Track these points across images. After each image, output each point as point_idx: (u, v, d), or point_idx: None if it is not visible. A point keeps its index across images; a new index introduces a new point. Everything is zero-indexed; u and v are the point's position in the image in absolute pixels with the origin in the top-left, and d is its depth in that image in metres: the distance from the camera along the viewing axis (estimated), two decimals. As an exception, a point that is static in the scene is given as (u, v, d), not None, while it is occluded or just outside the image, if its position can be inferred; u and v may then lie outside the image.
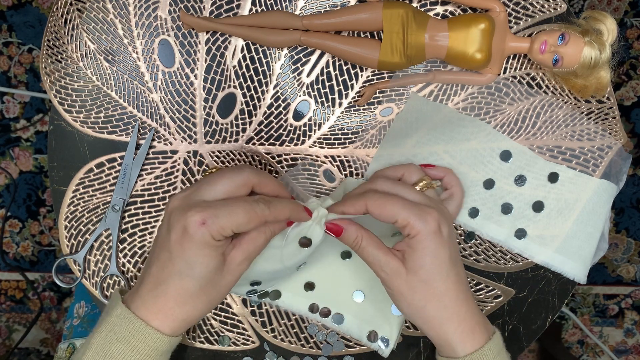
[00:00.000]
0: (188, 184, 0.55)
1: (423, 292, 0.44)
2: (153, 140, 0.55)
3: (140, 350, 0.41)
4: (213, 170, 0.47)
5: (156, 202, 0.55)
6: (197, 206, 0.40)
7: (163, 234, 0.42)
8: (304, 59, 0.54)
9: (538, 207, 0.54)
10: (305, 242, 0.47)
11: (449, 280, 0.44)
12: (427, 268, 0.44)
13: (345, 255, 0.55)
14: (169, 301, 0.42)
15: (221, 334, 0.56)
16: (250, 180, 0.43)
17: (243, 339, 0.56)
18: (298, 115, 0.55)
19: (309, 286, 0.55)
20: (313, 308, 0.55)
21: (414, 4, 0.53)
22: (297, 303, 0.55)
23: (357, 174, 0.55)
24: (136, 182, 0.55)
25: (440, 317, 0.45)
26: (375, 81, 0.54)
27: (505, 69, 0.54)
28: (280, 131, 0.55)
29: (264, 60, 0.54)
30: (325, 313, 0.55)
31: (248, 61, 0.54)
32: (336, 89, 0.55)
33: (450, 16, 0.53)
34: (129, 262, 0.55)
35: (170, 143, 0.55)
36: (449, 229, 0.45)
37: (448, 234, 0.44)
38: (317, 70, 0.54)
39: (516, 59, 0.54)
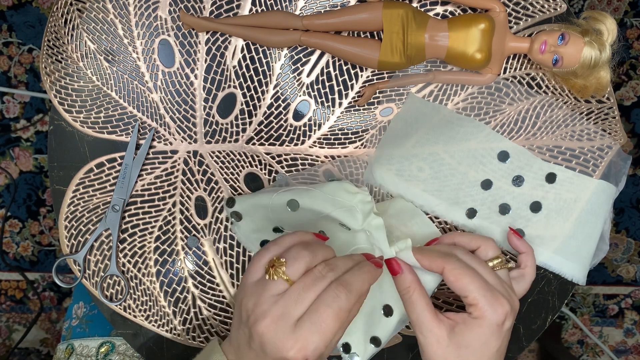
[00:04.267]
0: (188, 184, 0.55)
1: None
2: (153, 140, 0.55)
3: None
4: (282, 267, 0.41)
5: (156, 202, 0.55)
6: (285, 338, 0.39)
7: (256, 349, 0.41)
8: (304, 59, 0.54)
9: (536, 207, 0.54)
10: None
11: None
12: (472, 351, 0.43)
13: None
14: None
15: (221, 334, 0.56)
16: (308, 258, 0.41)
17: (243, 339, 0.56)
18: (298, 115, 0.55)
19: None
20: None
21: (414, 4, 0.53)
22: None
23: (357, 174, 0.55)
24: (136, 182, 0.55)
25: None
26: (375, 81, 0.54)
27: (505, 69, 0.54)
28: (280, 131, 0.55)
29: (264, 60, 0.54)
30: None
31: (248, 61, 0.54)
32: (336, 89, 0.55)
33: (450, 16, 0.53)
34: (129, 262, 0.55)
35: (170, 143, 0.55)
36: (511, 324, 0.44)
37: (508, 328, 0.43)
38: (317, 70, 0.54)
39: (516, 59, 0.54)
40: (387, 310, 0.51)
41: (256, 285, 0.41)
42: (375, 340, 0.51)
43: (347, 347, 0.52)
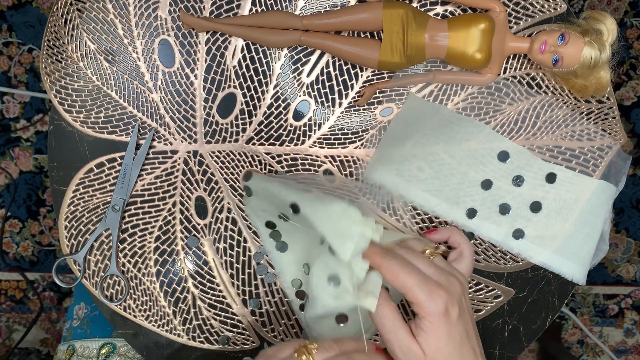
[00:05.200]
0: (188, 184, 0.55)
1: None
2: (153, 140, 0.55)
3: None
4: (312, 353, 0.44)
5: (156, 202, 0.55)
6: None
7: None
8: (304, 59, 0.54)
9: (536, 207, 0.54)
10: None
11: (465, 357, 0.44)
12: (444, 350, 0.43)
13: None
14: None
15: (221, 334, 0.56)
16: (335, 352, 0.43)
17: (243, 339, 0.56)
18: (298, 115, 0.55)
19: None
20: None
21: (414, 4, 0.53)
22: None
23: (357, 174, 0.55)
24: (136, 182, 0.55)
25: None
26: (375, 81, 0.54)
27: (505, 69, 0.54)
28: (280, 131, 0.55)
29: (264, 60, 0.54)
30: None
31: (248, 61, 0.54)
32: (336, 89, 0.55)
33: (450, 16, 0.53)
34: (129, 262, 0.55)
35: (170, 143, 0.55)
36: (458, 309, 0.43)
37: (457, 314, 0.43)
38: (317, 70, 0.54)
39: (516, 59, 0.54)
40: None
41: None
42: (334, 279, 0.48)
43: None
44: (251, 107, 0.55)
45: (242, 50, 0.54)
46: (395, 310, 0.44)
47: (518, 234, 0.54)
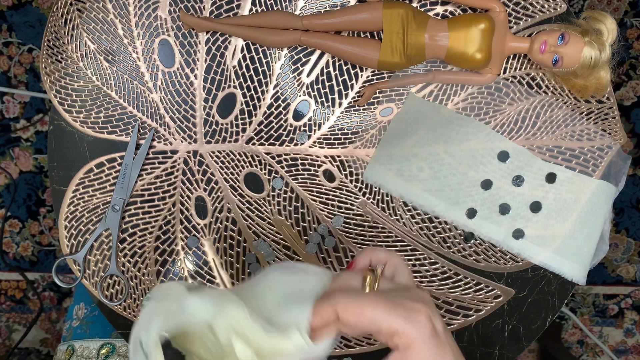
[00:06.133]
0: (188, 184, 0.55)
1: None
2: (153, 140, 0.55)
3: None
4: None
5: (156, 202, 0.55)
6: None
7: None
8: (304, 59, 0.54)
9: (536, 207, 0.54)
10: None
11: None
12: None
13: None
14: None
15: (221, 334, 0.56)
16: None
17: (243, 339, 0.56)
18: (298, 115, 0.55)
19: None
20: None
21: (414, 4, 0.53)
22: None
23: (357, 174, 0.55)
24: (136, 182, 0.55)
25: None
26: (375, 81, 0.54)
27: (505, 69, 0.54)
28: (280, 131, 0.55)
29: (264, 60, 0.54)
30: None
31: (248, 61, 0.54)
32: (336, 89, 0.55)
33: (450, 16, 0.53)
34: (129, 262, 0.55)
35: (170, 143, 0.55)
36: (442, 321, 0.36)
37: (442, 328, 0.36)
38: (317, 70, 0.54)
39: (516, 59, 0.54)
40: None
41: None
42: None
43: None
44: (251, 107, 0.55)
45: (242, 50, 0.54)
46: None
47: (518, 234, 0.54)
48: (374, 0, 0.51)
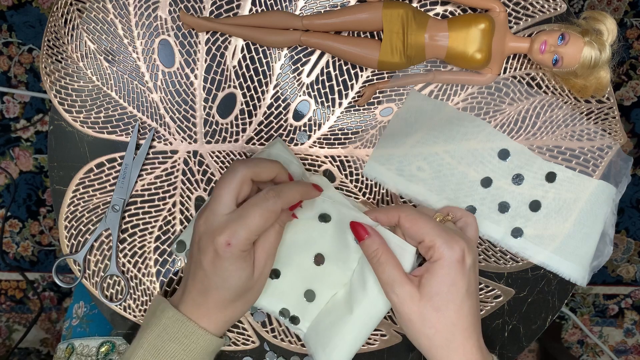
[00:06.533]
0: (188, 184, 0.55)
1: (434, 321, 0.44)
2: (153, 140, 0.55)
3: (192, 349, 0.44)
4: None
5: (156, 202, 0.55)
6: (218, 228, 0.43)
7: (195, 254, 0.45)
8: (304, 59, 0.54)
9: (535, 206, 0.54)
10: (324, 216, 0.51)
11: (462, 311, 0.44)
12: (443, 296, 0.43)
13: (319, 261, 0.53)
14: (210, 308, 0.45)
15: (221, 334, 0.56)
16: (245, 177, 0.44)
17: (243, 339, 0.56)
18: (298, 115, 0.55)
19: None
20: (284, 313, 0.53)
21: (414, 4, 0.53)
22: (268, 304, 0.54)
23: (357, 174, 0.55)
24: (136, 182, 0.55)
25: (448, 347, 0.44)
26: (375, 81, 0.54)
27: (505, 69, 0.54)
28: (281, 131, 0.55)
29: (264, 60, 0.54)
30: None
31: (248, 61, 0.54)
32: (336, 89, 0.55)
33: (450, 16, 0.53)
34: (129, 262, 0.55)
35: (170, 143, 0.55)
36: (473, 260, 0.45)
37: (471, 264, 0.44)
38: (317, 70, 0.54)
39: (516, 59, 0.54)
40: (319, 259, 0.52)
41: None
42: (308, 294, 0.53)
43: (285, 312, 0.53)
44: (251, 107, 0.55)
45: (242, 50, 0.54)
46: (392, 255, 0.46)
47: (517, 233, 0.54)
48: (374, 0, 0.51)
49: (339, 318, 0.50)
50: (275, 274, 0.53)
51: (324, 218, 0.51)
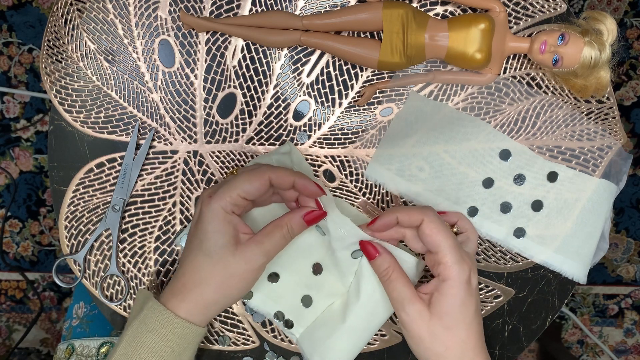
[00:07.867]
0: (188, 184, 0.55)
1: (444, 339, 0.44)
2: (153, 140, 0.55)
3: (169, 339, 0.44)
4: (234, 172, 0.52)
5: (156, 202, 0.55)
6: (209, 191, 0.45)
7: (192, 227, 0.46)
8: (304, 59, 0.54)
9: (537, 206, 0.54)
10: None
11: (471, 329, 0.45)
12: (453, 315, 0.44)
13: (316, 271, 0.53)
14: (186, 282, 0.45)
15: (221, 334, 0.56)
16: (267, 181, 0.44)
17: (243, 339, 0.56)
18: (298, 115, 0.55)
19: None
20: (279, 316, 0.53)
21: (414, 4, 0.53)
22: (264, 306, 0.54)
23: (357, 174, 0.55)
24: (136, 182, 0.55)
25: None
26: (375, 81, 0.54)
27: (505, 69, 0.54)
28: (280, 131, 0.55)
29: (264, 60, 0.54)
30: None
31: (248, 61, 0.54)
32: (336, 89, 0.55)
33: (450, 16, 0.53)
34: (129, 262, 0.55)
35: (170, 143, 0.55)
36: (477, 281, 0.46)
37: (476, 286, 0.46)
38: (317, 70, 0.54)
39: (516, 59, 0.54)
40: (317, 269, 0.53)
41: None
42: (305, 299, 0.53)
43: (279, 315, 0.53)
44: (251, 107, 0.55)
45: (242, 50, 0.54)
46: (403, 273, 0.46)
47: (519, 233, 0.54)
48: (374, 0, 0.51)
49: (334, 328, 0.51)
50: (274, 277, 0.53)
51: (321, 230, 0.51)
